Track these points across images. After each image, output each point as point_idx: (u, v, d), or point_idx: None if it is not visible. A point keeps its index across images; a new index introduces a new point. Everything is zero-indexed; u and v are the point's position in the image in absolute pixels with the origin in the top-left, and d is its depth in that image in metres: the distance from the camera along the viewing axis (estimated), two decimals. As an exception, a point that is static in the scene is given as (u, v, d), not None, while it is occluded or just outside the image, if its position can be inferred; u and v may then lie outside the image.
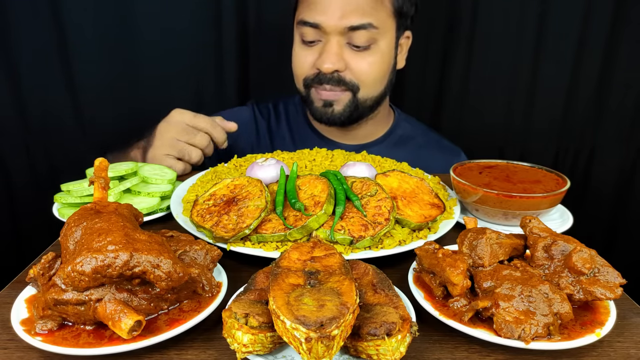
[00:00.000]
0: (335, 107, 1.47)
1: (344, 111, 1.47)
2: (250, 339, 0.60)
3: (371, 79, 1.45)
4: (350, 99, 1.46)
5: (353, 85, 1.43)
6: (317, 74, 1.43)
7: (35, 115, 1.78)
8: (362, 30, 1.36)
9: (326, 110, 1.48)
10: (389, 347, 0.59)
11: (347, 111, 1.47)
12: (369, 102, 1.48)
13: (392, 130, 1.65)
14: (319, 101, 1.48)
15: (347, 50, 1.40)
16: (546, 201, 1.03)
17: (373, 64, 1.43)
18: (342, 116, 1.48)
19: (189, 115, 1.32)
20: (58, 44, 1.70)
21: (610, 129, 1.93)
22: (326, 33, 1.39)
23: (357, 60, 1.41)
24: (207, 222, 0.92)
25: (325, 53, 1.39)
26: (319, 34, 1.40)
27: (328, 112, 1.48)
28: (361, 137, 1.61)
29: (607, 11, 1.77)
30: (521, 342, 0.65)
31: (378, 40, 1.41)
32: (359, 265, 0.77)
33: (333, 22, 1.36)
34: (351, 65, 1.41)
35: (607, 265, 0.72)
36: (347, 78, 1.42)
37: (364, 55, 1.41)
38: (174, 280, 0.65)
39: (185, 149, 1.32)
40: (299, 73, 1.50)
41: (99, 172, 0.87)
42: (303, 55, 1.46)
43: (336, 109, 1.47)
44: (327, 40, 1.39)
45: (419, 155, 1.58)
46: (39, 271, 0.69)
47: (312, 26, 1.39)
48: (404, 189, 1.05)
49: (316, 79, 1.44)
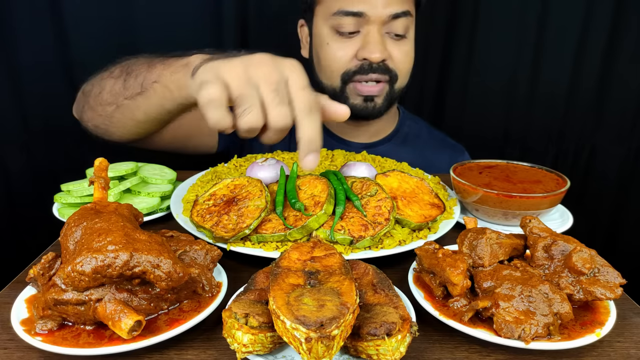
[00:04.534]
0: (376, 100, 1.45)
1: (382, 104, 1.46)
2: (250, 339, 0.60)
3: (407, 68, 1.45)
4: (388, 91, 1.44)
5: (395, 74, 1.43)
6: (359, 65, 1.40)
7: (35, 115, 1.78)
8: (402, 17, 1.37)
9: (367, 105, 1.45)
10: (389, 347, 0.59)
11: (385, 104, 1.46)
12: (399, 93, 1.48)
13: (399, 128, 1.65)
14: (357, 97, 1.44)
15: (386, 40, 1.40)
16: (546, 201, 1.03)
17: (408, 54, 1.44)
18: (381, 109, 1.47)
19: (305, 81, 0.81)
20: (58, 44, 1.70)
21: (610, 128, 1.93)
22: (368, 23, 1.36)
23: (396, 49, 1.41)
24: (207, 222, 0.92)
25: (372, 43, 1.36)
26: (359, 23, 1.37)
27: (369, 107, 1.45)
28: (371, 135, 1.60)
29: (607, 11, 1.77)
30: (521, 342, 0.65)
31: (410, 29, 1.42)
32: (359, 265, 0.77)
33: (378, 10, 1.35)
34: (392, 54, 1.41)
35: (607, 265, 0.72)
36: (390, 66, 1.41)
37: (400, 44, 1.41)
38: (174, 280, 0.65)
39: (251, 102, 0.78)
40: (336, 67, 1.42)
41: (99, 172, 0.87)
42: (341, 48, 1.40)
43: (377, 103, 1.45)
44: (369, 31, 1.37)
45: (424, 153, 1.58)
46: (39, 271, 0.69)
47: (355, 15, 1.35)
48: (404, 189, 1.05)
49: (361, 70, 1.40)
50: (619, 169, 1.97)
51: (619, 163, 1.97)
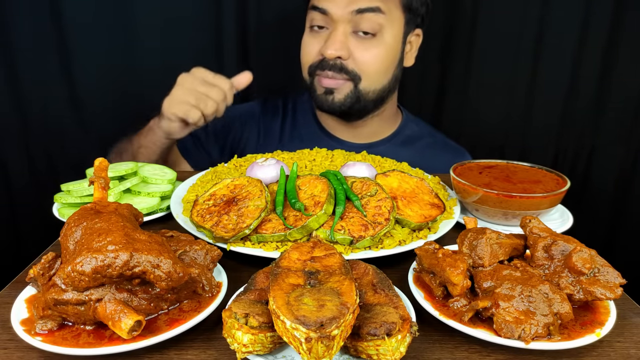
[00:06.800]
0: (335, 95, 1.47)
1: (344, 100, 1.47)
2: (250, 339, 0.60)
3: (373, 70, 1.45)
4: (351, 89, 1.46)
5: (354, 75, 1.44)
6: (320, 60, 1.45)
7: (35, 115, 1.78)
8: (369, 13, 1.38)
9: (327, 97, 1.48)
10: (389, 347, 0.59)
11: (347, 101, 1.48)
12: (371, 94, 1.48)
13: (400, 130, 1.65)
14: (321, 88, 1.49)
15: (352, 40, 1.42)
16: (546, 201, 1.03)
17: (377, 56, 1.43)
18: (342, 105, 1.48)
19: (210, 73, 1.34)
20: (58, 44, 1.70)
21: (610, 129, 1.93)
22: (333, 20, 1.40)
23: (362, 50, 1.42)
24: (207, 222, 0.92)
25: (330, 39, 1.41)
26: (326, 20, 1.42)
27: (329, 100, 1.49)
28: (368, 136, 1.61)
29: (607, 11, 1.77)
30: (521, 342, 0.65)
31: (384, 30, 1.42)
32: (359, 265, 0.77)
33: (340, 9, 1.38)
34: (355, 55, 1.42)
35: (607, 265, 0.72)
36: (349, 67, 1.43)
37: (369, 45, 1.42)
38: (174, 280, 0.65)
39: (202, 98, 1.30)
40: (304, 60, 1.51)
41: (99, 172, 0.87)
42: (310, 43, 1.48)
43: (336, 97, 1.48)
44: (334, 28, 1.41)
45: (425, 156, 1.58)
46: (39, 271, 0.69)
47: (321, 12, 1.41)
48: (404, 189, 1.05)
49: (319, 66, 1.45)
50: (619, 169, 1.97)
51: (618, 163, 1.97)
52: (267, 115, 1.67)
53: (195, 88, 1.31)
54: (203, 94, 1.31)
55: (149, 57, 1.76)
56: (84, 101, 1.78)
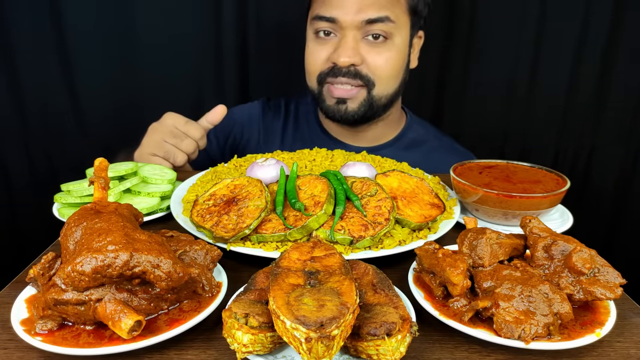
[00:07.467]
0: (349, 104, 1.45)
1: (358, 109, 1.46)
2: (250, 339, 0.60)
3: (386, 74, 1.44)
4: (365, 97, 1.44)
5: (369, 80, 1.42)
6: (331, 67, 1.42)
7: (35, 115, 1.78)
8: (379, 23, 1.37)
9: (339, 107, 1.46)
10: (389, 347, 0.59)
11: (361, 110, 1.46)
12: (383, 99, 1.47)
13: (404, 133, 1.64)
14: (332, 99, 1.46)
15: (363, 45, 1.40)
16: (546, 201, 1.03)
17: (389, 59, 1.42)
18: (356, 114, 1.46)
19: (181, 120, 1.33)
20: (58, 45, 1.70)
21: (610, 129, 1.93)
22: (342, 28, 1.38)
23: (373, 54, 1.40)
24: (207, 222, 0.92)
25: (342, 47, 1.38)
26: (334, 28, 1.40)
27: (341, 110, 1.46)
28: (371, 139, 1.60)
29: (607, 11, 1.77)
30: (521, 342, 0.65)
31: (394, 35, 1.41)
32: (359, 265, 0.77)
33: (350, 17, 1.36)
34: (367, 60, 1.40)
35: (607, 265, 0.72)
36: (363, 72, 1.41)
37: (380, 50, 1.41)
38: (174, 280, 0.65)
39: (171, 151, 1.32)
40: (312, 69, 1.47)
41: (99, 172, 0.87)
42: (317, 50, 1.44)
43: (350, 107, 1.45)
44: (343, 35, 1.39)
45: (430, 159, 1.56)
46: (39, 271, 0.69)
47: (328, 20, 1.39)
48: (404, 189, 1.05)
49: (331, 73, 1.42)
50: (619, 168, 1.97)
51: (618, 163, 1.97)
52: (268, 114, 1.66)
53: (164, 139, 1.32)
54: (173, 146, 1.32)
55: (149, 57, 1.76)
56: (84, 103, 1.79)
